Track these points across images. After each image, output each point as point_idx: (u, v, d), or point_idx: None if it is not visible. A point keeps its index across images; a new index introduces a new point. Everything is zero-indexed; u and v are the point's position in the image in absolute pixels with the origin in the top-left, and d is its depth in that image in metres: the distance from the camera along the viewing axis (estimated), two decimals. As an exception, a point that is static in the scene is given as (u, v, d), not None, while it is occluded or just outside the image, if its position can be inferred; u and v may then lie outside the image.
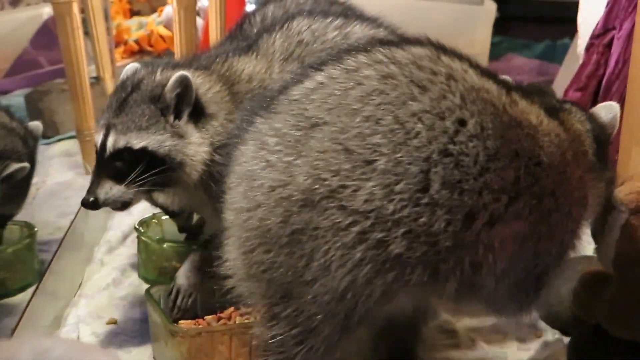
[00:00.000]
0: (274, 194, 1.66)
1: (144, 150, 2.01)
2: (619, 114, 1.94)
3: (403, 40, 1.81)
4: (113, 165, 2.02)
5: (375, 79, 1.68)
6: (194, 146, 2.05)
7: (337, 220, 1.63)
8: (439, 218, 1.63)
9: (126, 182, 2.01)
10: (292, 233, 1.65)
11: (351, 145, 1.64)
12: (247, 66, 2.18)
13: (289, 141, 1.67)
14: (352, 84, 1.68)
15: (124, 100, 2.04)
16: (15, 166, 2.40)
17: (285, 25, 2.23)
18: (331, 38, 2.21)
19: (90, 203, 2.02)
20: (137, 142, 2.01)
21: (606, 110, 1.95)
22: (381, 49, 1.74)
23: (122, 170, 2.01)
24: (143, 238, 2.53)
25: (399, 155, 1.62)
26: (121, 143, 2.01)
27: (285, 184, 1.65)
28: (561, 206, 1.73)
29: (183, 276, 2.20)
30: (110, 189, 2.01)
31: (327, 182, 1.63)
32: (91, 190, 2.02)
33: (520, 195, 1.68)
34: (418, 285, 1.69)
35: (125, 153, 2.01)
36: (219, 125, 2.08)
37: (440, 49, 1.76)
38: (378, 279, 1.66)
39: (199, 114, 2.07)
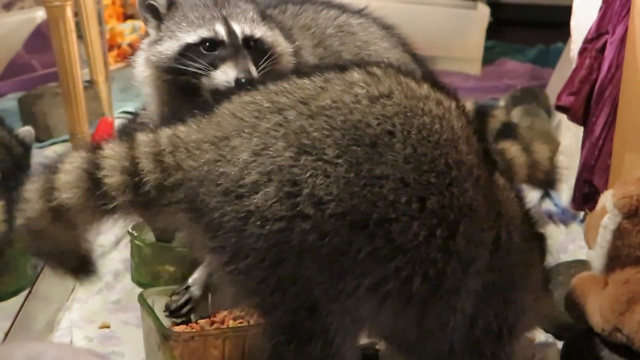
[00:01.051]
0: (325, 208, 1.58)
1: (260, 39, 2.06)
2: None
3: (440, 84, 1.81)
4: (245, 51, 2.03)
5: (431, 116, 1.68)
6: (282, 40, 2.13)
7: (382, 251, 1.62)
8: (452, 265, 1.68)
9: (258, 68, 2.02)
10: (332, 251, 1.60)
11: (410, 178, 1.62)
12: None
13: (352, 156, 1.60)
14: (417, 111, 1.67)
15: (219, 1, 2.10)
16: None
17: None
18: (335, 19, 2.30)
19: (248, 80, 1.95)
20: (257, 31, 2.06)
21: None
22: (429, 86, 1.75)
23: (251, 56, 2.03)
24: (136, 242, 2.53)
25: (444, 199, 1.65)
26: (248, 30, 2.05)
27: (340, 199, 1.58)
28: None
29: (198, 287, 2.16)
30: (254, 69, 2.01)
31: (380, 210, 1.60)
32: (244, 68, 1.99)
33: (497, 250, 1.77)
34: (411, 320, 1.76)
35: (250, 41, 2.04)
36: None
37: (462, 105, 1.79)
38: (392, 312, 1.70)
39: None
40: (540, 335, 2.29)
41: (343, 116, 1.63)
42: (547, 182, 2.67)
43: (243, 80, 1.94)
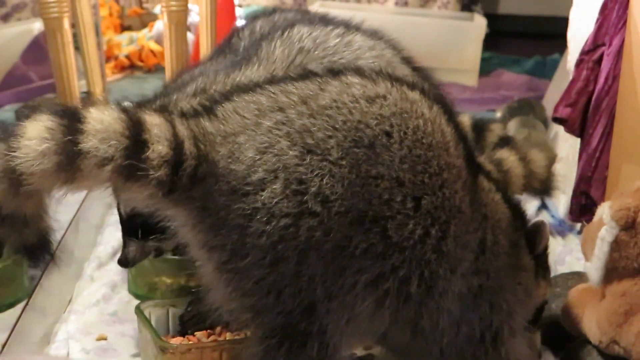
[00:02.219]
0: (331, 206, 1.61)
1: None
2: None
3: (428, 91, 1.84)
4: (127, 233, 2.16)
5: (424, 119, 1.71)
6: None
7: (378, 247, 1.65)
8: (443, 266, 1.72)
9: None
10: (334, 248, 1.63)
11: (405, 178, 1.66)
12: (252, 77, 2.16)
13: (353, 157, 1.63)
14: (412, 113, 1.70)
15: None
16: None
17: (285, 33, 2.19)
18: (332, 45, 2.17)
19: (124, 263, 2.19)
20: None
21: None
22: (419, 92, 1.78)
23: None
24: (133, 254, 2.53)
25: (437, 200, 1.69)
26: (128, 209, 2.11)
27: (343, 198, 1.62)
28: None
29: None
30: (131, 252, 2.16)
31: (375, 208, 1.64)
32: (125, 253, 2.17)
33: (484, 252, 1.80)
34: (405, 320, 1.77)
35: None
36: None
37: (449, 110, 1.82)
38: (390, 312, 1.72)
39: None
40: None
41: (343, 116, 1.66)
42: (543, 191, 2.67)
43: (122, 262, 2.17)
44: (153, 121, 1.62)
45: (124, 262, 2.16)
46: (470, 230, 1.77)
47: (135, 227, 2.11)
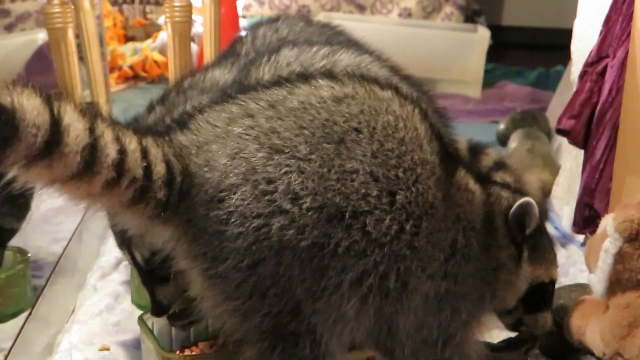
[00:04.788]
0: (302, 203, 1.62)
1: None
2: None
3: (403, 92, 1.86)
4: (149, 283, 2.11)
5: (395, 115, 1.73)
6: None
7: (360, 244, 1.66)
8: (414, 262, 1.73)
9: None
10: (311, 246, 1.63)
11: (379, 172, 1.68)
12: None
13: (323, 153, 1.65)
14: (381, 110, 1.72)
15: None
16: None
17: (272, 58, 2.21)
18: (319, 68, 2.20)
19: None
20: None
21: None
22: (393, 91, 1.79)
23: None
24: (136, 264, 2.52)
25: (410, 195, 1.70)
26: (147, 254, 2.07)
27: (315, 193, 1.63)
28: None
29: None
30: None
31: (354, 203, 1.65)
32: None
33: (454, 254, 1.80)
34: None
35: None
36: None
37: (424, 110, 1.82)
38: (374, 310, 1.73)
39: None
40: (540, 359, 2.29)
41: (311, 116, 1.68)
42: None
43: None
44: (148, 143, 1.65)
45: (159, 310, 2.08)
46: (442, 229, 1.77)
47: (160, 270, 2.03)
